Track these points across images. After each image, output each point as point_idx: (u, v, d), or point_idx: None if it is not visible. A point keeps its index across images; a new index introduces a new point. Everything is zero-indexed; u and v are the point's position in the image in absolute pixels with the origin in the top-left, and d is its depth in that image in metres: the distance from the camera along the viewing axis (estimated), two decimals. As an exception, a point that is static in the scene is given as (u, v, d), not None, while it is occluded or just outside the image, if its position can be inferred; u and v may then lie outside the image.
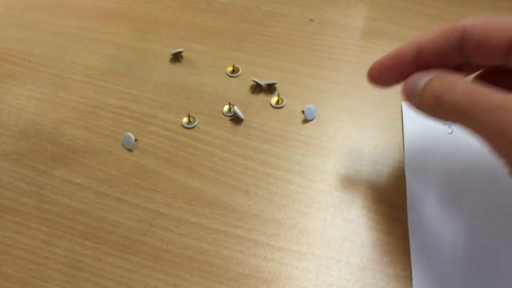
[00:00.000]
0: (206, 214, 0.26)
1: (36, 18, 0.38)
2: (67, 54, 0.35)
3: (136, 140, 0.29)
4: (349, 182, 0.28)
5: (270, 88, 0.33)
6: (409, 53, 0.23)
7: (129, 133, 0.29)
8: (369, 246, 0.25)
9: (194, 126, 0.30)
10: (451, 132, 0.30)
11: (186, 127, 0.30)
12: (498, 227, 0.25)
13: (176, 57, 0.35)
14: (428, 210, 0.26)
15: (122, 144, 0.29)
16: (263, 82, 0.33)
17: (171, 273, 0.24)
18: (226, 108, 0.31)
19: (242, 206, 0.27)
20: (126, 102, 0.32)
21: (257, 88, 0.33)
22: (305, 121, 0.31)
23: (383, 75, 0.25)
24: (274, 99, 0.32)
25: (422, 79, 0.22)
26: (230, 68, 0.34)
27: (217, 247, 0.25)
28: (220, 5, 0.40)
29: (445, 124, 0.30)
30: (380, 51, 0.35)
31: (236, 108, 0.31)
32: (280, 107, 0.32)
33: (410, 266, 0.24)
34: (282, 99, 0.32)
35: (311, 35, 0.38)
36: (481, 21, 0.22)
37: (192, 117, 0.31)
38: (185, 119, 0.31)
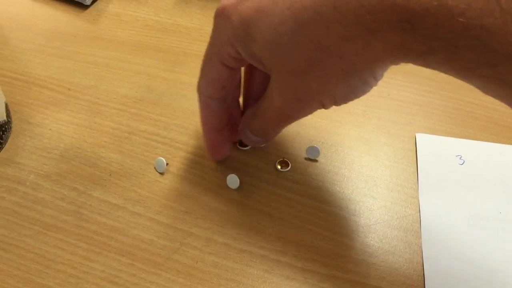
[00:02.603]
0: (233, 235, 0.28)
1: (75, 50, 0.41)
2: (103, 83, 0.38)
3: (167, 164, 0.32)
4: (366, 208, 0.30)
5: None
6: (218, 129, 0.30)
7: (161, 158, 0.32)
8: (385, 269, 0.26)
9: (221, 152, 0.33)
10: (462, 163, 0.32)
11: (213, 153, 0.33)
12: (508, 254, 0.27)
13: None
14: (441, 236, 0.28)
15: (155, 168, 0.32)
16: None
17: (200, 290, 0.26)
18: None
19: (265, 228, 0.28)
20: (158, 128, 0.34)
21: None
22: (324, 149, 0.33)
23: (223, 150, 0.31)
24: None
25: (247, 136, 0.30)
26: (254, 99, 0.37)
27: (243, 266, 0.27)
28: (243, 39, 0.43)
29: (457, 156, 0.32)
30: (395, 85, 0.37)
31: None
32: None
33: (425, 289, 0.25)
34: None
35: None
36: None
37: (219, 144, 0.33)
38: (212, 146, 0.33)
